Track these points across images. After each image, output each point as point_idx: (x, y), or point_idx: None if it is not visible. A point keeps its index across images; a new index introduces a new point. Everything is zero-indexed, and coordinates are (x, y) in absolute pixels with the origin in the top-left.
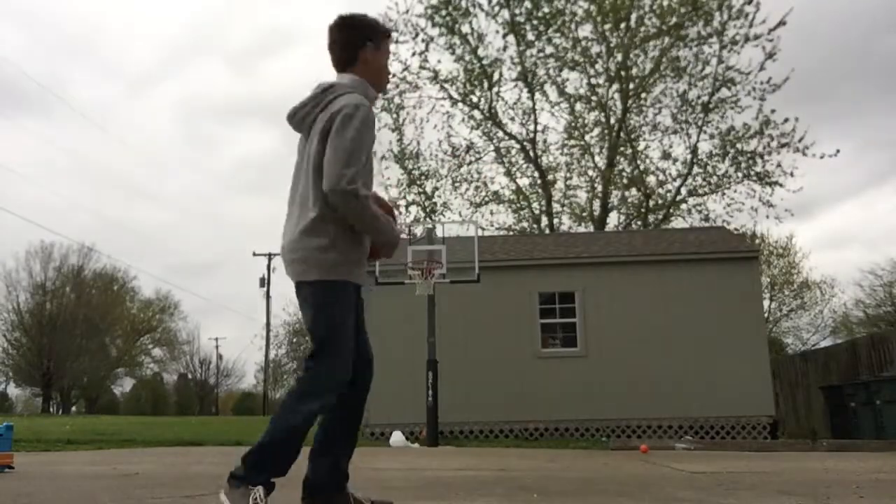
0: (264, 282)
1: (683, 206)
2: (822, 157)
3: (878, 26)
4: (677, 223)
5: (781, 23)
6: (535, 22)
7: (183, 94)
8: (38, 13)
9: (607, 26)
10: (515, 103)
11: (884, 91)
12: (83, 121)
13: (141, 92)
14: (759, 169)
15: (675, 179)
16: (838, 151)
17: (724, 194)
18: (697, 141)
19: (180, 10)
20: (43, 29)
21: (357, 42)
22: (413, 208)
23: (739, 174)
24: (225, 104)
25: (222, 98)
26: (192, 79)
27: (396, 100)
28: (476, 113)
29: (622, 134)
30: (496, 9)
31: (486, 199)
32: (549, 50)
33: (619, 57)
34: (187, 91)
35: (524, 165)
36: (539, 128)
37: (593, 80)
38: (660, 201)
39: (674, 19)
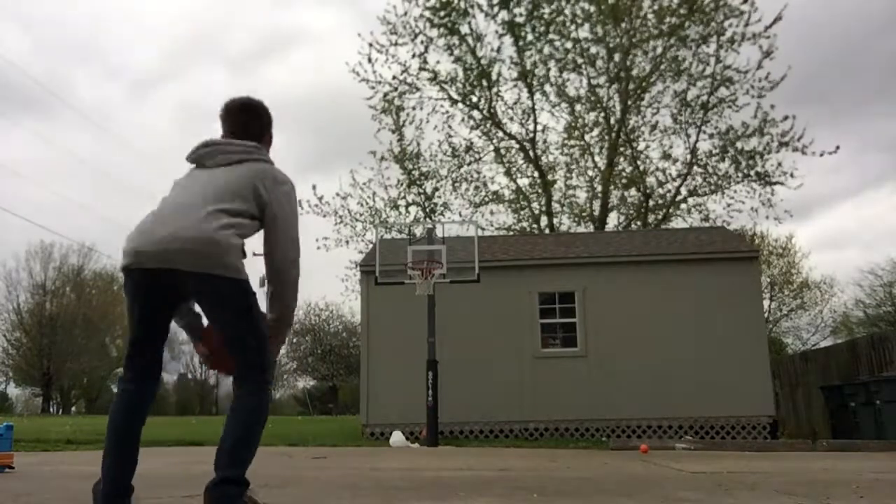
0: (264, 282)
1: (683, 206)
2: (821, 155)
3: (877, 27)
4: (677, 223)
5: (778, 18)
6: (534, 23)
7: (183, 96)
8: (39, 14)
9: (607, 27)
10: (515, 103)
11: (883, 92)
12: (84, 121)
13: (141, 93)
14: (759, 169)
15: (674, 179)
16: (838, 148)
17: (724, 194)
18: (697, 140)
19: (181, 11)
20: (44, 30)
21: (270, 124)
22: (413, 209)
23: (739, 174)
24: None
25: (222, 100)
26: (192, 80)
27: (396, 101)
28: (476, 113)
29: (622, 134)
30: (495, 9)
31: (486, 199)
32: (549, 51)
33: (618, 58)
34: (188, 92)
35: (524, 165)
36: (539, 128)
37: (593, 81)
38: (660, 201)
39: (673, 20)
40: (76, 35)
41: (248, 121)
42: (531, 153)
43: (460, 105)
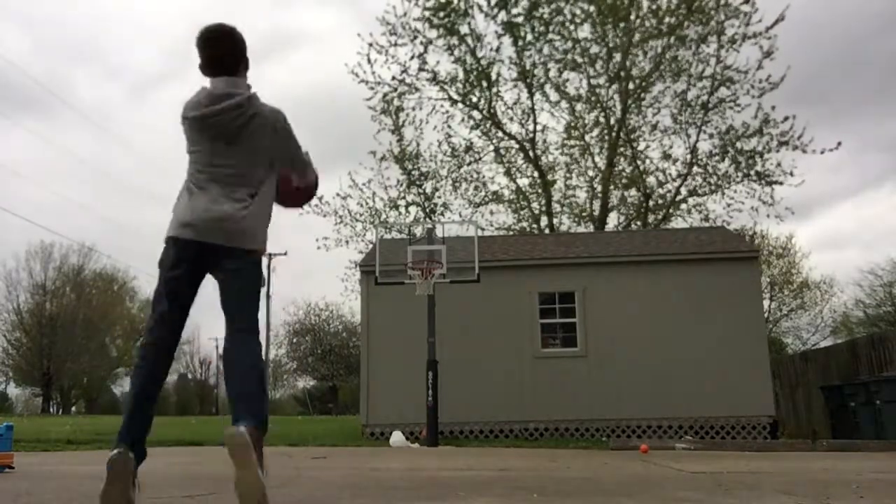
0: (264, 281)
1: (683, 206)
2: (822, 153)
3: (877, 28)
4: (677, 223)
5: (780, 18)
6: (534, 23)
7: (183, 96)
8: (39, 14)
9: (606, 26)
10: (515, 103)
11: (883, 92)
12: (84, 121)
13: (141, 93)
14: (759, 168)
15: (674, 179)
16: (840, 144)
17: (724, 194)
18: (697, 140)
19: (181, 11)
20: (44, 30)
21: (245, 49)
22: (413, 209)
23: (739, 174)
24: None
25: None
26: (192, 80)
27: (396, 102)
28: (475, 113)
29: (622, 134)
30: (494, 10)
31: (486, 199)
32: (548, 51)
33: (618, 57)
34: (188, 92)
35: (524, 165)
36: (539, 128)
37: (593, 81)
38: (660, 201)
39: (672, 20)
40: (76, 35)
41: (228, 49)
42: (531, 153)
43: (460, 105)
